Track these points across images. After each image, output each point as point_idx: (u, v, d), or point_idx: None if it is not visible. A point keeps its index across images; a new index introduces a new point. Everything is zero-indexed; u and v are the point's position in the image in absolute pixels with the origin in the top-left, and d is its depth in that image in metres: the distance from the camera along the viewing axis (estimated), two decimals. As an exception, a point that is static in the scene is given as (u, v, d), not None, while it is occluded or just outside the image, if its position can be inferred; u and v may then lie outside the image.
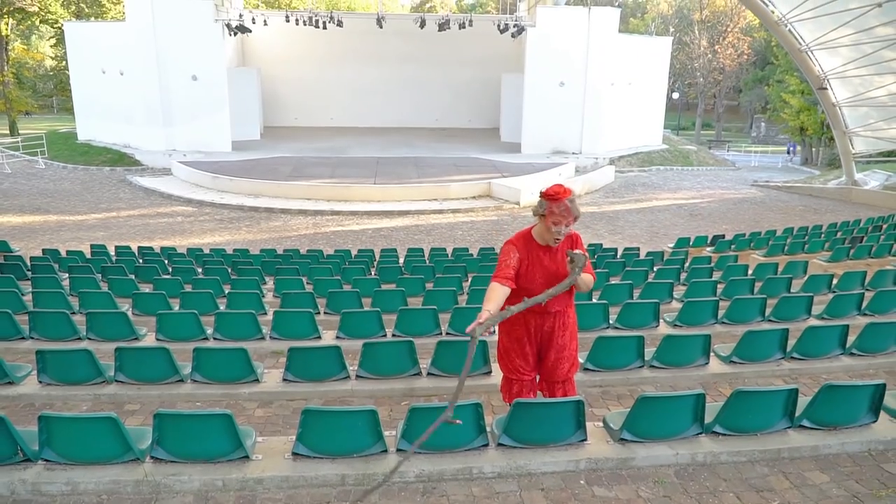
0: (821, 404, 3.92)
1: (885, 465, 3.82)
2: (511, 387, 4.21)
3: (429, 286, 9.05)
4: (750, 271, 10.18)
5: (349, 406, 4.39)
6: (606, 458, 3.76)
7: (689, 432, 3.88)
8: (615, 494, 3.56)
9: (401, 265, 11.27)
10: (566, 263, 3.79)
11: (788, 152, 42.90)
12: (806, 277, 9.25)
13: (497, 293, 3.67)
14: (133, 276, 9.72)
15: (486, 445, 3.82)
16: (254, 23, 26.73)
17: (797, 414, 3.97)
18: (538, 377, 4.22)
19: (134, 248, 13.15)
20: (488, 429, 3.90)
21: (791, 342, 5.67)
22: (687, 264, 11.12)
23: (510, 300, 3.76)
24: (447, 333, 6.57)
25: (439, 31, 27.93)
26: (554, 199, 3.66)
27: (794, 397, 3.87)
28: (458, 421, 3.57)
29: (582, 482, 3.67)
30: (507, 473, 3.71)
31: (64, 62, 39.47)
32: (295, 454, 3.70)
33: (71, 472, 3.56)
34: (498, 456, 3.76)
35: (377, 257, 12.85)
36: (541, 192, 3.76)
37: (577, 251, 3.68)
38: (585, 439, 3.85)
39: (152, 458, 3.64)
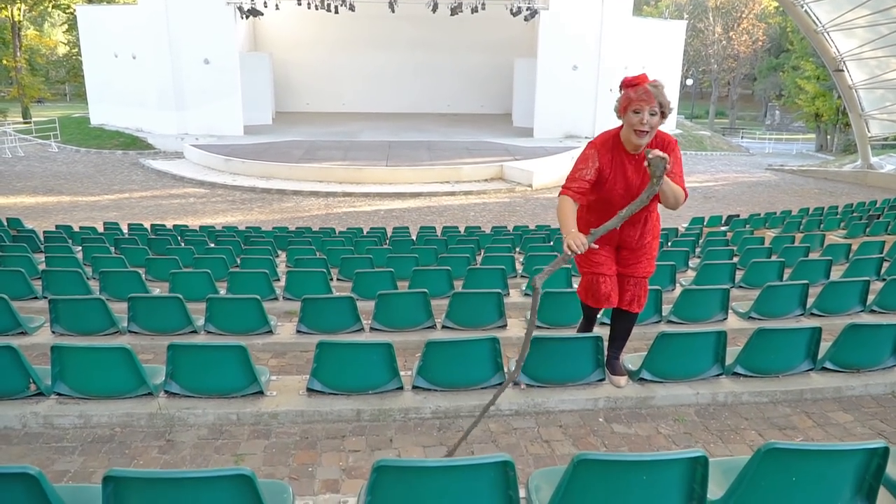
0: (843, 346, 3.84)
1: (910, 406, 3.75)
2: (598, 287, 3.48)
3: (442, 256, 8.99)
4: (766, 244, 10.06)
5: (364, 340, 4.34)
6: (626, 397, 3.71)
7: (709, 373, 3.81)
8: (635, 431, 3.51)
9: (413, 239, 11.22)
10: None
11: None
12: (823, 248, 9.14)
13: (570, 209, 3.18)
14: (146, 248, 9.73)
15: (503, 383, 3.76)
16: (265, 6, 26.61)
17: (820, 356, 3.89)
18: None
19: (147, 226, 13.17)
20: (505, 368, 3.84)
21: (811, 302, 5.59)
22: (701, 240, 11.01)
23: (588, 212, 3.40)
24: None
25: (451, 15, 27.73)
26: (632, 84, 3.08)
27: (817, 337, 3.79)
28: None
29: (601, 420, 3.62)
30: (524, 411, 3.66)
31: (76, 49, 39.61)
32: (310, 390, 3.66)
33: (84, 405, 3.54)
34: (516, 394, 3.71)
35: (389, 234, 12.81)
36: (620, 85, 3.18)
37: (655, 151, 2.89)
38: (604, 378, 3.79)
39: (166, 392, 3.62)
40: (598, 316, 4.24)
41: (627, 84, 3.11)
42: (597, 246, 3.07)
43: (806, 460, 2.05)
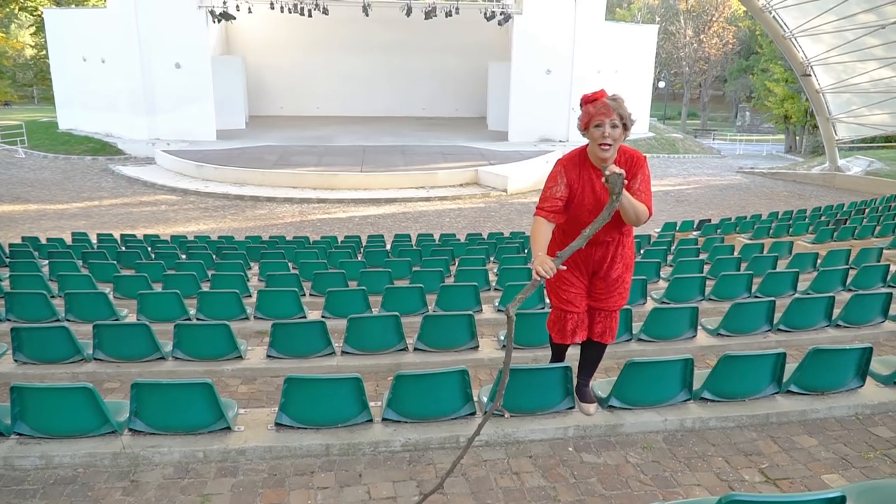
0: (808, 369, 3.89)
1: (872, 428, 3.81)
2: (565, 323, 3.54)
3: (415, 269, 8.98)
4: (736, 252, 10.19)
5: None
6: (595, 426, 3.72)
7: (677, 399, 3.85)
8: (604, 460, 3.52)
9: (387, 249, 11.19)
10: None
11: None
12: (791, 256, 9.27)
13: (542, 232, 3.19)
14: (115, 262, 9.57)
15: (473, 414, 3.76)
16: (238, 10, 26.36)
17: (785, 379, 3.94)
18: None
19: (116, 235, 12.96)
20: (475, 398, 3.84)
21: (778, 316, 5.67)
22: (674, 247, 11.13)
23: (563, 233, 3.39)
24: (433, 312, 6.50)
25: (425, 19, 27.71)
26: (591, 100, 3.10)
27: (781, 362, 3.85)
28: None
29: (570, 449, 3.63)
30: (494, 441, 3.65)
31: (44, 51, 38.83)
32: (278, 424, 3.62)
33: (45, 445, 3.46)
34: (487, 424, 3.69)
35: (364, 243, 12.75)
36: (580, 103, 3.21)
37: (612, 167, 2.81)
38: (573, 406, 3.80)
39: (130, 430, 3.55)
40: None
41: (586, 101, 3.14)
42: (564, 267, 3.06)
43: (766, 510, 2.07)
